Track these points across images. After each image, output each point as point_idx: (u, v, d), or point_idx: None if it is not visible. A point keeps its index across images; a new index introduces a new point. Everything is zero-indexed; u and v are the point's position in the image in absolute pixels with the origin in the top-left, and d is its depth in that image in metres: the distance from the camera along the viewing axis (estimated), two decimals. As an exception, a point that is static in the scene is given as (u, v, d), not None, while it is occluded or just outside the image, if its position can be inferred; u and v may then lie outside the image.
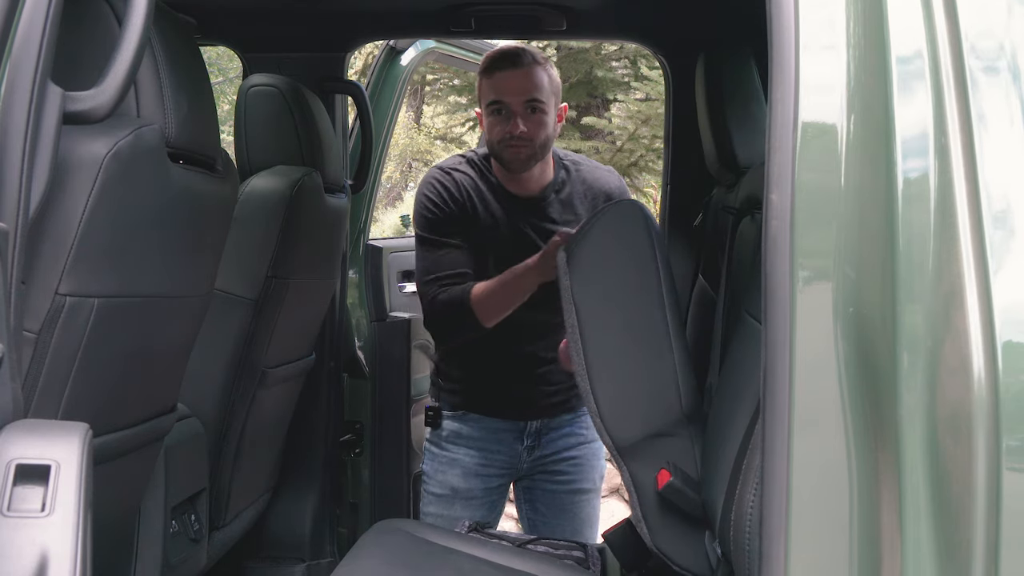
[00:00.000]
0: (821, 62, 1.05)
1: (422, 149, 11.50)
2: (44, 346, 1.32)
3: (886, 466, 0.99)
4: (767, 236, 1.05)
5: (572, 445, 2.52)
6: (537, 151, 2.29)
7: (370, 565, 1.79)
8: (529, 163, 2.30)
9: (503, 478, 2.52)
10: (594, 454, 2.56)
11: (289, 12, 2.56)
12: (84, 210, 1.29)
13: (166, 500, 1.94)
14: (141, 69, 1.32)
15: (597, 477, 2.59)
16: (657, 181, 7.20)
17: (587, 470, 2.55)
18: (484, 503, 2.49)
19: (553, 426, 2.50)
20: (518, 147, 2.26)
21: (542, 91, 2.26)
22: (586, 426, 2.53)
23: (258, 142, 2.37)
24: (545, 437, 2.50)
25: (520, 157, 2.28)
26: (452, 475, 2.48)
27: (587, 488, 2.56)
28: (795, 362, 1.02)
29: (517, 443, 2.49)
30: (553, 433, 2.51)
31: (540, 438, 2.50)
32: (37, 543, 0.94)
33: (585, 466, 2.55)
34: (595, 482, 2.59)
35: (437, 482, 2.50)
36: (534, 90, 2.25)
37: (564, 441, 2.52)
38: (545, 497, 2.54)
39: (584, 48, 7.69)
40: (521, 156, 2.28)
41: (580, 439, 2.53)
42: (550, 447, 2.51)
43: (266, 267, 2.18)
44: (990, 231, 0.97)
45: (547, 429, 2.50)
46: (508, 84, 2.25)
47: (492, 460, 2.48)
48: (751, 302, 1.48)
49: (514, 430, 2.48)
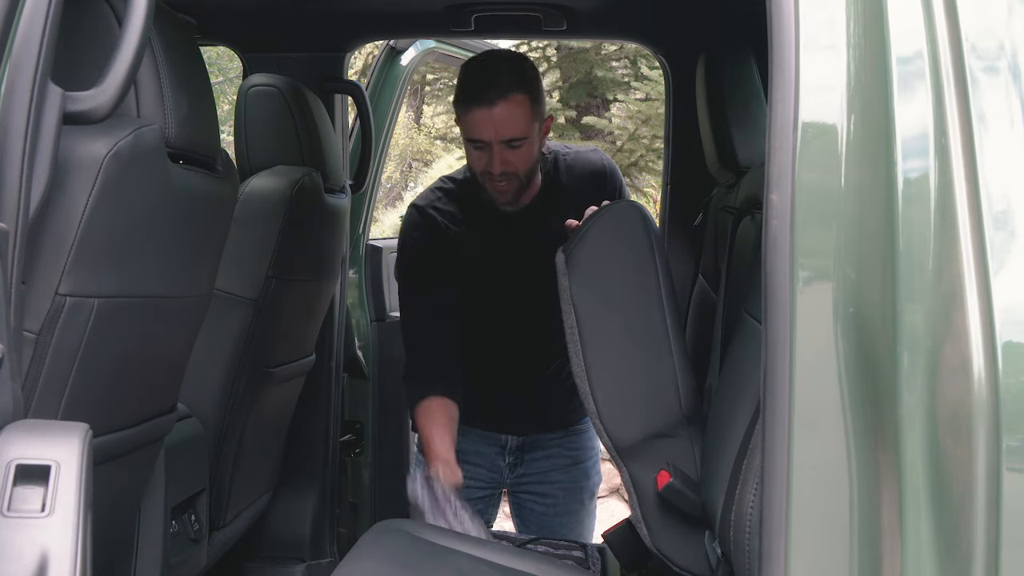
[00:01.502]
0: (821, 62, 1.05)
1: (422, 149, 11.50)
2: (44, 346, 1.32)
3: (886, 466, 0.99)
4: (767, 236, 1.05)
5: (560, 467, 2.46)
6: (523, 180, 2.17)
7: (370, 565, 1.79)
8: (517, 194, 2.19)
9: (486, 490, 2.47)
10: (584, 474, 2.50)
11: (289, 12, 2.56)
12: (84, 210, 1.29)
13: (166, 500, 1.94)
14: (141, 69, 1.32)
15: (587, 497, 2.53)
16: (657, 181, 7.19)
17: (575, 492, 2.49)
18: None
19: (538, 444, 2.45)
20: (503, 185, 2.14)
21: (521, 126, 2.08)
22: (576, 445, 2.48)
23: (258, 142, 2.37)
24: (529, 455, 2.45)
25: (507, 194, 2.16)
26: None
27: (574, 509, 2.50)
28: (795, 362, 1.02)
29: (499, 458, 2.45)
30: (538, 452, 2.45)
31: (523, 455, 2.45)
32: (37, 543, 0.94)
33: (573, 488, 2.48)
34: (584, 503, 2.52)
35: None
36: (511, 129, 2.07)
37: (550, 462, 2.46)
38: (533, 517, 2.50)
39: (584, 48, 7.70)
40: (508, 192, 2.16)
41: (568, 460, 2.47)
42: (534, 466, 2.46)
43: (266, 267, 2.18)
44: (990, 231, 0.97)
45: (530, 447, 2.45)
46: (483, 123, 2.07)
47: (473, 472, 2.42)
48: (751, 302, 1.48)
49: (495, 444, 2.44)
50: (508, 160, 2.10)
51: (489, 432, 2.44)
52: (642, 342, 1.75)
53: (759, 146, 1.74)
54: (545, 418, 2.45)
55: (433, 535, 1.98)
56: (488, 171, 2.12)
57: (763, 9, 1.08)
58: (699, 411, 1.76)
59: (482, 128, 2.08)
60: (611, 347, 1.75)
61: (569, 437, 2.47)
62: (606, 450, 1.75)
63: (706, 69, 2.23)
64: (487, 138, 2.08)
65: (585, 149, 2.44)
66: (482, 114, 2.06)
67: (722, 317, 1.89)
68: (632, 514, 1.73)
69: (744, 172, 2.02)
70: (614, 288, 1.78)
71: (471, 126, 2.10)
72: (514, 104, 2.06)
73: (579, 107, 8.04)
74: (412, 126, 11.45)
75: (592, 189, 2.29)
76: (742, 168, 2.06)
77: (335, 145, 2.54)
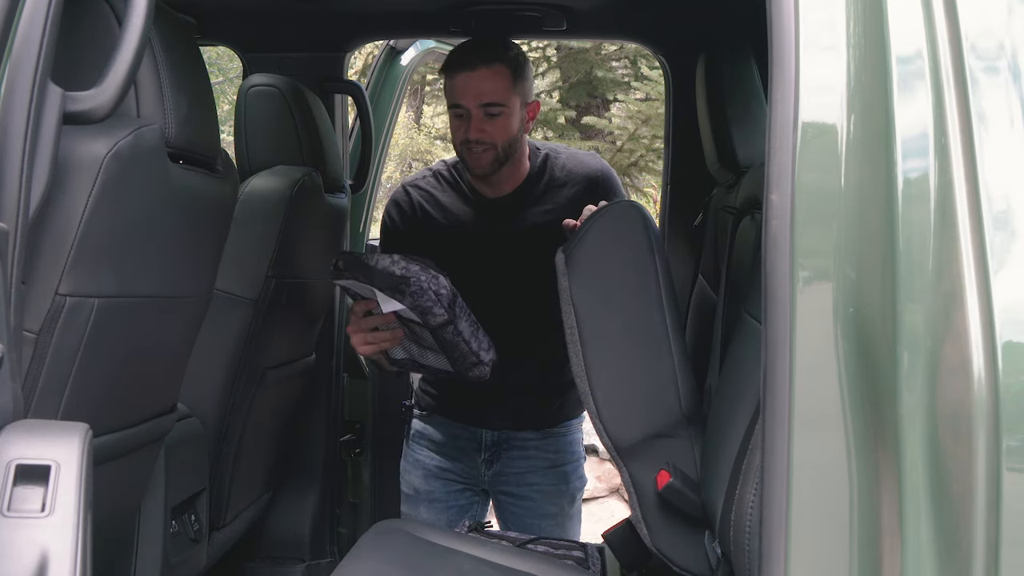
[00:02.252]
0: (821, 62, 1.05)
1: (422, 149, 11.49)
2: (44, 346, 1.32)
3: (886, 466, 0.99)
4: (767, 236, 1.05)
5: (536, 468, 2.43)
6: (500, 154, 2.18)
7: (370, 565, 1.79)
8: (494, 167, 2.20)
9: (464, 485, 2.46)
10: (563, 478, 2.46)
11: (289, 12, 2.56)
12: (84, 210, 1.29)
13: (166, 500, 1.94)
14: (141, 69, 1.32)
15: (566, 502, 2.48)
16: (657, 181, 7.20)
17: (552, 495, 2.45)
18: (449, 507, 2.43)
19: (514, 443, 2.42)
20: (479, 152, 2.17)
21: (500, 93, 2.14)
22: (554, 448, 2.44)
23: (258, 142, 2.37)
24: (506, 454, 2.43)
25: (482, 163, 2.19)
26: (415, 476, 2.46)
27: (552, 512, 2.46)
28: (795, 362, 1.02)
29: (475, 453, 2.43)
30: (515, 451, 2.42)
31: (499, 452, 2.43)
32: (37, 543, 0.94)
33: (550, 491, 2.44)
34: (563, 507, 2.48)
35: (405, 481, 2.49)
36: (491, 94, 2.13)
37: (527, 463, 2.42)
38: (512, 519, 2.47)
39: (584, 48, 7.70)
40: (483, 162, 2.18)
41: (545, 462, 2.43)
42: (511, 466, 2.43)
43: (266, 267, 2.18)
44: (990, 231, 0.97)
45: (506, 445, 2.42)
46: (464, 87, 2.14)
47: (451, 466, 2.43)
48: (751, 302, 1.48)
49: (472, 439, 2.43)
50: (485, 129, 2.15)
51: (465, 424, 2.43)
52: (642, 342, 1.75)
53: (759, 146, 1.75)
54: (520, 416, 2.41)
55: (433, 535, 1.98)
56: (467, 139, 2.17)
57: (763, 9, 1.08)
58: (699, 411, 1.76)
59: (463, 92, 2.15)
60: (611, 347, 1.74)
61: (548, 439, 2.44)
62: (606, 450, 1.75)
63: (706, 69, 2.23)
64: (467, 103, 2.15)
65: (584, 152, 2.44)
66: (463, 78, 2.15)
67: (722, 317, 1.89)
68: (632, 514, 1.73)
69: (744, 172, 2.02)
70: (614, 288, 1.78)
71: (453, 91, 2.17)
72: (495, 72, 2.14)
73: (579, 107, 8.05)
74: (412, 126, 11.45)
75: (581, 189, 2.29)
76: (742, 168, 2.06)
77: (335, 145, 2.54)
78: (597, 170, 2.36)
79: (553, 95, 8.21)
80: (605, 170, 2.38)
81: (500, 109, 2.15)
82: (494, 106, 2.14)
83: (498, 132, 2.16)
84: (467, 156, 2.20)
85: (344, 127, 2.93)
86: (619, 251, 1.79)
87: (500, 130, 2.16)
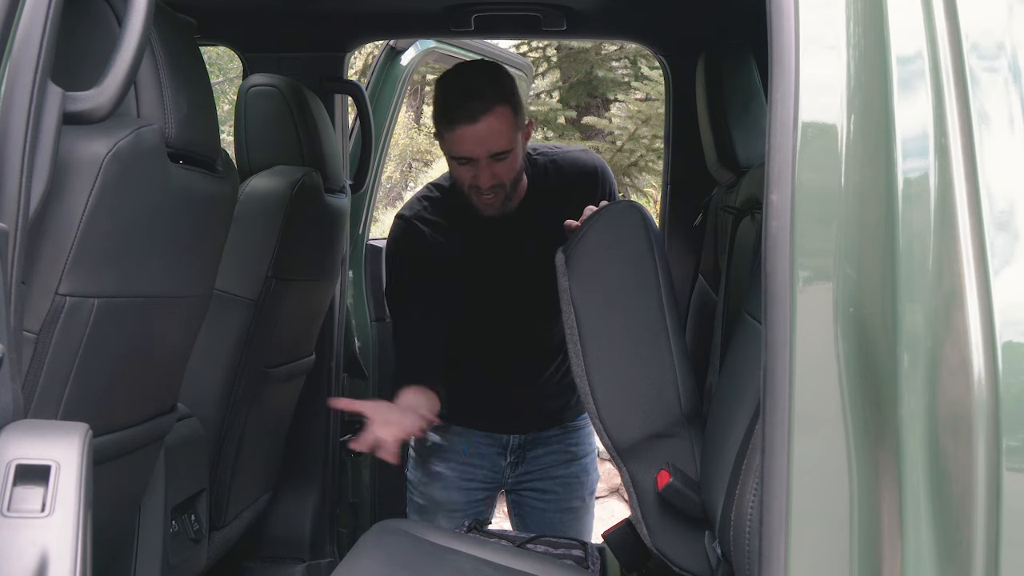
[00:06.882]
0: (821, 62, 1.05)
1: (422, 149, 11.50)
2: (44, 346, 1.32)
3: (886, 466, 0.99)
4: (767, 236, 1.05)
5: (559, 462, 2.47)
6: (509, 190, 2.14)
7: (370, 565, 1.79)
8: (504, 204, 2.16)
9: (486, 491, 2.48)
10: (584, 470, 2.50)
11: (289, 12, 2.56)
12: (84, 210, 1.29)
13: (166, 500, 1.94)
14: (141, 69, 1.32)
15: (587, 494, 2.53)
16: (657, 181, 7.20)
17: (576, 488, 2.49)
18: (467, 514, 2.44)
19: (538, 442, 2.45)
20: (489, 198, 2.12)
21: (506, 137, 2.05)
22: (575, 441, 2.48)
23: (258, 142, 2.37)
24: (530, 453, 2.46)
25: (494, 206, 2.15)
26: (434, 488, 2.45)
27: (575, 506, 2.50)
28: (795, 362, 1.02)
29: (500, 458, 2.45)
30: (539, 449, 2.45)
31: (524, 453, 2.45)
32: (37, 543, 0.94)
33: (573, 484, 2.48)
34: (584, 499, 2.52)
35: (420, 493, 2.48)
36: (497, 142, 2.04)
37: (550, 458, 2.46)
38: (534, 514, 2.50)
39: (584, 48, 7.70)
40: (495, 205, 2.14)
41: (568, 456, 2.47)
42: (535, 463, 2.46)
43: (266, 267, 2.18)
44: (990, 231, 0.97)
45: (531, 444, 2.45)
46: (468, 140, 2.04)
47: (474, 475, 2.44)
48: (751, 302, 1.48)
49: (496, 444, 2.44)
50: (495, 173, 2.08)
51: (491, 433, 2.44)
52: (642, 342, 1.75)
53: (759, 146, 1.75)
54: (547, 416, 2.45)
55: (433, 535, 1.98)
56: (476, 185, 2.10)
57: (763, 9, 1.08)
58: (699, 411, 1.76)
59: (468, 145, 2.05)
60: (611, 347, 1.75)
61: (568, 433, 2.48)
62: (606, 450, 1.75)
63: (706, 69, 2.23)
64: (474, 154, 2.06)
65: (575, 149, 2.41)
66: (467, 131, 2.03)
67: (722, 317, 1.89)
68: (632, 514, 1.73)
69: (744, 172, 2.02)
70: (614, 288, 1.78)
71: (456, 143, 2.06)
72: (498, 117, 2.03)
73: (579, 107, 8.05)
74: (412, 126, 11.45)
75: (582, 189, 2.28)
76: (742, 168, 2.06)
77: (335, 145, 2.54)
78: (592, 166, 2.35)
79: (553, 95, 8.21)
80: (599, 164, 2.37)
81: (507, 154, 2.07)
82: (502, 153, 2.07)
83: (506, 172, 2.10)
84: (476, 200, 2.14)
85: (344, 127, 2.93)
86: (619, 251, 1.79)
87: (508, 169, 2.10)
